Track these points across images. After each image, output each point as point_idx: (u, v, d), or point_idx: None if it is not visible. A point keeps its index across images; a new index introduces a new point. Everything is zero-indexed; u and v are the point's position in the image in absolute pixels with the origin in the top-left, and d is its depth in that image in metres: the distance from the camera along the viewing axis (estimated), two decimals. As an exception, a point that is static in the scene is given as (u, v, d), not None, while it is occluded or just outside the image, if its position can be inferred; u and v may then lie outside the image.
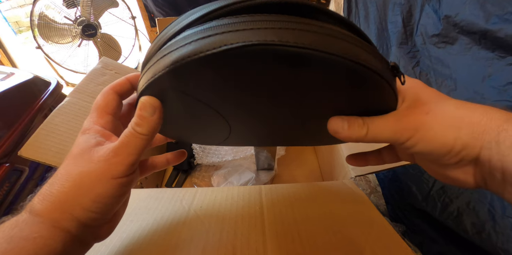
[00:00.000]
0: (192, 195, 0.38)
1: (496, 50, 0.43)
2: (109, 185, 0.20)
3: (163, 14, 1.54)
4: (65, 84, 1.64)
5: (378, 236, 0.31)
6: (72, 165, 0.20)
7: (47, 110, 0.72)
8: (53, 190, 0.19)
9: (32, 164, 0.63)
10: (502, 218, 0.43)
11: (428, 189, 0.56)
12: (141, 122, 0.19)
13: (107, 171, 0.20)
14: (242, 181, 0.56)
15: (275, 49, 0.14)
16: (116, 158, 0.20)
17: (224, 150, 0.59)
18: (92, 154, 0.20)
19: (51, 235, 0.18)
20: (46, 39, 1.36)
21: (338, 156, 0.48)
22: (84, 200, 0.19)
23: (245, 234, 0.31)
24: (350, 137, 0.20)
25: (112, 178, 0.20)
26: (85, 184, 0.19)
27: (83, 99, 0.47)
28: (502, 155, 0.16)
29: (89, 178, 0.19)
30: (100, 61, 0.56)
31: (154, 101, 0.19)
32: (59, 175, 0.20)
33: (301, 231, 0.32)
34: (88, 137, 0.21)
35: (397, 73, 0.18)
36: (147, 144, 0.20)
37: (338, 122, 0.20)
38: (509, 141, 0.16)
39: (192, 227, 0.32)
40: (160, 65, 0.16)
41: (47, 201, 0.19)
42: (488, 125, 0.17)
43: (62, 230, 0.19)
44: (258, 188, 0.39)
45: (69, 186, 0.19)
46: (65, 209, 0.19)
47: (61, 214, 0.19)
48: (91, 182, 0.19)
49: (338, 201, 0.37)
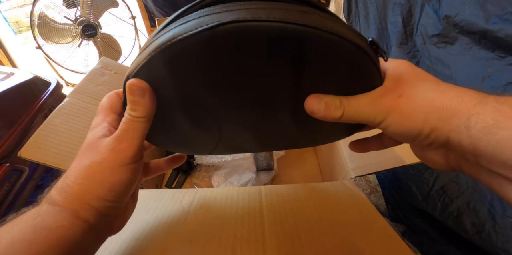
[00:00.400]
0: (192, 196, 0.38)
1: (496, 50, 0.43)
2: (120, 173, 0.20)
3: (163, 14, 1.54)
4: (65, 84, 1.64)
5: (378, 237, 0.31)
6: (82, 158, 0.21)
7: (47, 110, 0.72)
8: (69, 182, 0.20)
9: (32, 164, 0.63)
10: (502, 218, 0.43)
11: (428, 189, 0.56)
12: (134, 106, 0.20)
13: (116, 159, 0.20)
14: (242, 182, 0.56)
15: (249, 25, 0.14)
16: (120, 145, 0.20)
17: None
18: (98, 145, 0.21)
19: (72, 225, 0.19)
20: (46, 39, 1.36)
21: (338, 156, 0.48)
22: (99, 189, 0.20)
23: (244, 235, 0.31)
24: (325, 118, 0.20)
25: (122, 165, 0.20)
26: (98, 175, 0.20)
27: (83, 99, 0.46)
28: (474, 138, 0.16)
29: (100, 168, 0.20)
30: (100, 61, 0.56)
31: (140, 82, 0.19)
32: (72, 169, 0.21)
33: (300, 232, 0.32)
34: (95, 131, 0.22)
35: (377, 48, 0.18)
36: (146, 127, 0.21)
37: (315, 102, 0.20)
38: (480, 125, 0.16)
39: (192, 228, 0.32)
40: (143, 55, 0.17)
41: (65, 192, 0.20)
42: (458, 108, 0.17)
43: (81, 220, 0.20)
44: (258, 189, 0.39)
45: (83, 177, 0.20)
46: (83, 199, 0.20)
47: (80, 204, 0.20)
48: (103, 171, 0.20)
49: (338, 202, 0.37)
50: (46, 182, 0.68)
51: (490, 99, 0.16)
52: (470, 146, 0.16)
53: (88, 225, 0.20)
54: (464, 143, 0.17)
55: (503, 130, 0.15)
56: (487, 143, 0.15)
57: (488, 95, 0.17)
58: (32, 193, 0.62)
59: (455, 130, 0.17)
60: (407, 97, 0.19)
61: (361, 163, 0.43)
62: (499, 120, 0.15)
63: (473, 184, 0.48)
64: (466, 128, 0.16)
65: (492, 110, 0.16)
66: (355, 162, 0.43)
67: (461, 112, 0.17)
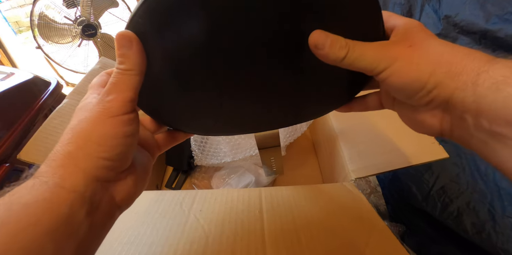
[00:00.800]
0: (192, 198, 0.38)
1: (496, 50, 0.43)
2: (109, 124, 0.19)
3: (163, 14, 1.53)
4: (65, 84, 1.64)
5: (377, 240, 0.31)
6: (71, 121, 0.19)
7: (47, 110, 0.72)
8: (57, 147, 0.18)
9: (32, 164, 0.63)
10: (502, 218, 0.43)
11: (428, 189, 0.56)
12: (122, 59, 0.19)
13: (104, 110, 0.19)
14: (242, 184, 0.56)
15: None
16: (109, 97, 0.19)
17: (223, 151, 0.59)
18: (87, 104, 0.20)
19: (55, 198, 0.16)
20: (46, 39, 1.36)
21: (338, 157, 0.48)
22: (89, 144, 0.18)
23: (245, 238, 0.31)
24: (327, 56, 0.19)
25: (111, 117, 0.19)
26: (86, 129, 0.18)
27: (83, 100, 0.46)
28: (479, 96, 0.16)
29: (89, 122, 0.18)
30: (99, 61, 0.56)
31: (126, 32, 0.18)
32: (63, 134, 0.19)
33: (300, 234, 0.32)
34: (85, 99, 0.21)
35: None
36: (138, 80, 0.20)
37: (321, 36, 0.19)
38: (489, 82, 0.15)
39: (192, 232, 0.32)
40: (135, 9, 0.17)
41: (51, 159, 0.18)
42: (468, 65, 0.16)
43: (68, 189, 0.17)
44: (258, 191, 0.39)
45: (71, 137, 0.18)
46: (70, 162, 0.17)
47: (67, 168, 0.17)
48: (92, 124, 0.18)
49: (338, 204, 0.37)
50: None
51: (500, 59, 0.16)
52: (473, 104, 0.16)
53: (79, 195, 0.17)
54: (467, 101, 0.16)
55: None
56: (493, 101, 0.15)
57: (497, 57, 0.17)
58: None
59: (460, 88, 0.16)
60: (417, 47, 0.18)
61: (362, 165, 0.43)
62: (508, 76, 0.15)
63: (473, 184, 0.48)
64: (473, 85, 0.16)
65: (502, 67, 0.15)
66: (355, 164, 0.43)
67: (471, 69, 0.16)
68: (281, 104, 0.25)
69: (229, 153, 0.57)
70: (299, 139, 0.61)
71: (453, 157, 0.51)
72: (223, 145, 0.59)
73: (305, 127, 0.59)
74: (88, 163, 0.18)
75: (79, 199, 0.17)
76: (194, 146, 0.58)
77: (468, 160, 0.49)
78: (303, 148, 0.69)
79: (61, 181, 0.17)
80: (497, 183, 0.44)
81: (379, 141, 0.45)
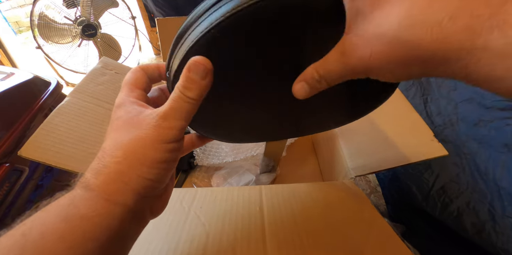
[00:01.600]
0: (192, 196, 0.38)
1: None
2: (162, 150, 0.19)
3: (163, 14, 1.54)
4: (65, 84, 1.64)
5: (378, 237, 0.31)
6: (119, 135, 0.19)
7: (47, 110, 0.72)
8: (105, 162, 0.18)
9: (32, 164, 0.62)
10: (502, 218, 0.43)
11: (428, 189, 0.56)
12: (191, 86, 0.18)
13: (159, 136, 0.19)
14: (242, 183, 0.56)
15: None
16: (166, 123, 0.19)
17: (224, 151, 0.59)
18: (139, 121, 0.19)
19: (109, 213, 0.17)
20: (46, 39, 1.36)
21: (338, 156, 0.48)
22: (139, 167, 0.18)
23: (245, 235, 0.31)
24: (316, 92, 0.20)
25: (164, 143, 0.19)
26: (138, 151, 0.18)
27: (83, 99, 0.47)
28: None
29: (142, 144, 0.18)
30: (100, 61, 0.56)
31: (207, 62, 0.17)
32: (107, 148, 0.19)
33: (301, 232, 0.32)
34: (126, 108, 0.20)
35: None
36: (195, 109, 0.19)
37: (300, 88, 0.20)
38: None
39: (192, 229, 0.32)
40: (205, 23, 0.17)
41: (101, 174, 0.18)
42: None
43: (119, 205, 0.18)
44: (258, 188, 0.39)
45: (121, 155, 0.18)
46: (121, 179, 0.18)
47: (117, 185, 0.18)
48: (144, 147, 0.18)
49: (338, 201, 0.37)
50: (46, 182, 0.68)
51: None
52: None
53: (127, 210, 0.18)
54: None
55: None
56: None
57: None
58: (32, 193, 0.62)
59: None
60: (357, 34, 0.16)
61: (361, 163, 0.43)
62: None
63: (473, 184, 0.48)
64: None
65: None
66: (355, 162, 0.44)
67: None
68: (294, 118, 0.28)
69: (230, 153, 0.57)
70: (299, 139, 0.61)
71: (453, 157, 0.51)
72: (224, 145, 0.59)
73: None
74: (137, 183, 0.18)
75: (127, 213, 0.18)
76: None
77: (468, 160, 0.49)
78: (303, 147, 0.69)
79: (112, 196, 0.18)
80: (497, 183, 0.44)
81: (379, 140, 0.45)
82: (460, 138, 0.50)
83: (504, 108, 0.43)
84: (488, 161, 0.45)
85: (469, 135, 0.49)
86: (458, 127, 0.51)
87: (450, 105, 0.53)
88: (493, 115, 0.45)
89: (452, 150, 0.50)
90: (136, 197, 0.18)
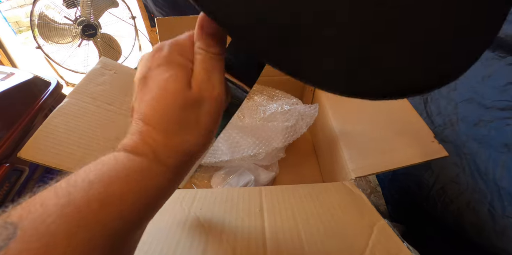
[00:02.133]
0: (192, 197, 0.38)
1: (496, 50, 0.43)
2: (220, 107, 0.19)
3: (163, 14, 1.54)
4: (65, 84, 1.64)
5: (378, 238, 0.31)
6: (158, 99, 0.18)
7: (47, 110, 0.72)
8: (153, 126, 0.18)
9: (32, 164, 0.62)
10: (502, 218, 0.43)
11: (428, 189, 0.56)
12: (210, 42, 0.18)
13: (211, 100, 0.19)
14: (242, 183, 0.56)
15: None
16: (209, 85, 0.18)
17: (220, 150, 0.59)
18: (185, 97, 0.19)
19: (157, 174, 0.17)
20: (46, 39, 1.36)
21: (338, 157, 0.48)
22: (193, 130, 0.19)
23: (245, 236, 0.31)
24: None
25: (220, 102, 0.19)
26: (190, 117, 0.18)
27: (82, 99, 0.46)
28: None
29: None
30: (99, 61, 0.56)
31: None
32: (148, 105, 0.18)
33: (301, 233, 0.32)
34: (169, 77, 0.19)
35: None
36: (223, 63, 0.19)
37: None
38: None
39: (192, 230, 0.32)
40: None
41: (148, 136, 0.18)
42: None
43: (164, 166, 0.18)
44: (258, 190, 0.39)
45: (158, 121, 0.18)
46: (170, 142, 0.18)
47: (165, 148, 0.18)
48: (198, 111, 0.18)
49: (338, 203, 0.37)
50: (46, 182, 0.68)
51: None
52: None
53: (173, 169, 0.18)
54: None
55: None
56: None
57: None
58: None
59: None
60: None
61: (361, 164, 0.43)
62: None
63: (473, 184, 0.48)
64: None
65: None
66: (355, 163, 0.43)
67: None
68: None
69: (227, 152, 0.57)
70: (299, 140, 0.61)
71: (453, 157, 0.51)
72: (221, 143, 0.59)
73: (305, 128, 0.59)
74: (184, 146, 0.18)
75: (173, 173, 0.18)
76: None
77: (468, 160, 0.49)
78: (303, 149, 0.69)
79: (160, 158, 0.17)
80: (497, 183, 0.44)
81: (379, 141, 0.45)
82: (460, 138, 0.50)
83: (504, 108, 0.43)
84: (488, 161, 0.45)
85: (469, 135, 0.49)
86: (458, 127, 0.51)
87: (450, 105, 0.53)
88: (493, 115, 0.45)
89: (452, 150, 0.50)
90: (180, 155, 0.18)
